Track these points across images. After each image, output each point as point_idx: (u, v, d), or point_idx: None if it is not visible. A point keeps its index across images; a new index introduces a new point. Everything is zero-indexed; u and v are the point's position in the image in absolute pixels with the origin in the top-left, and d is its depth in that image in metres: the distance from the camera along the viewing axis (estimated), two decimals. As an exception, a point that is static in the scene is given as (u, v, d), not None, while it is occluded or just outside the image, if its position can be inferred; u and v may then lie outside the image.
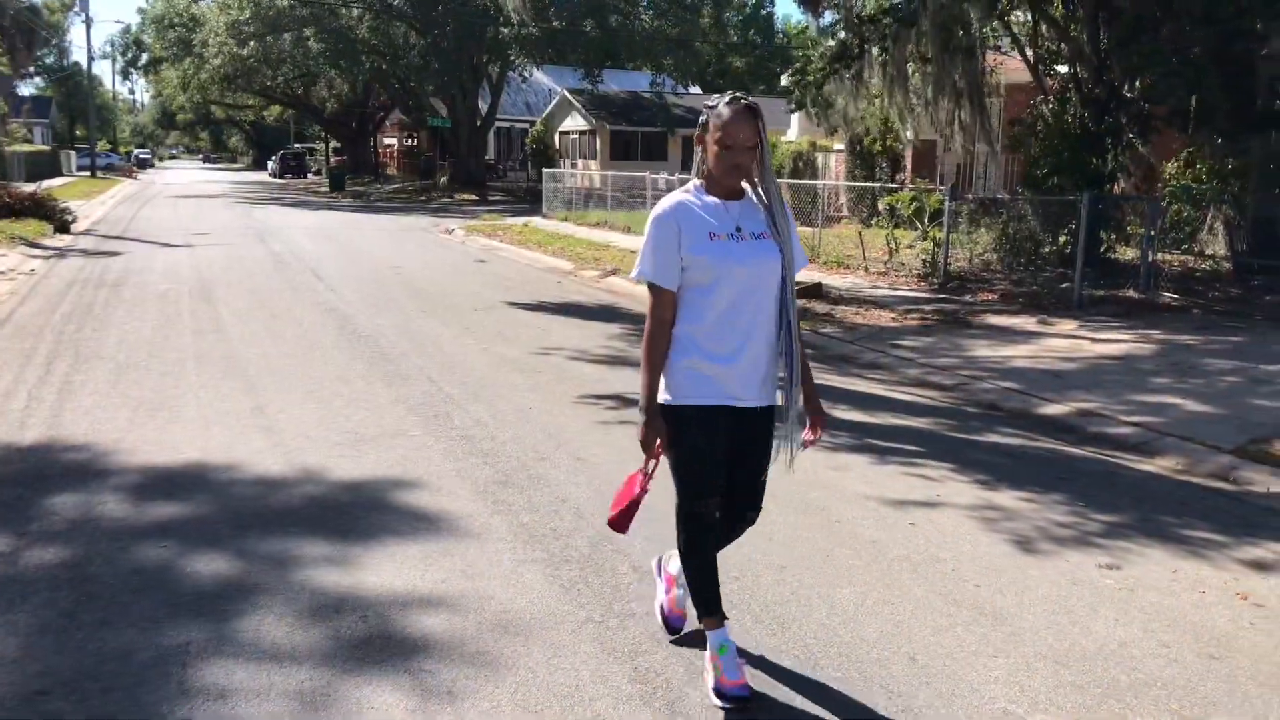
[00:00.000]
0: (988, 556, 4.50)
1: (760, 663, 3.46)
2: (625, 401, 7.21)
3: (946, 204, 13.67)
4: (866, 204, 20.38)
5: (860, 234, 16.15)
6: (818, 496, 5.14)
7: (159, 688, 3.25)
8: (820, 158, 25.04)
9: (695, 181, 3.23)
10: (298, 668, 3.39)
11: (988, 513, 5.06)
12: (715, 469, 3.21)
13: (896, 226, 16.52)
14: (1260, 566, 4.46)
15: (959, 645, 3.65)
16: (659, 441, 3.18)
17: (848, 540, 4.60)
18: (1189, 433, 6.53)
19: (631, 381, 7.86)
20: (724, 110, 3.07)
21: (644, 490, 3.32)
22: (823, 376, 8.37)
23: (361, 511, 4.88)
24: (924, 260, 14.45)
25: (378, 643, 3.57)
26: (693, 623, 3.50)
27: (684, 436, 3.18)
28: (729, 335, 3.13)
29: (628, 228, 21.91)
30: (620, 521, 3.37)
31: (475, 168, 40.29)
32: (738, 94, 3.15)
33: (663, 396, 3.20)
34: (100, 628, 3.64)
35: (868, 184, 20.53)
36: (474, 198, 36.35)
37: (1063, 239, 13.47)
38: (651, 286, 3.16)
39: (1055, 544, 4.66)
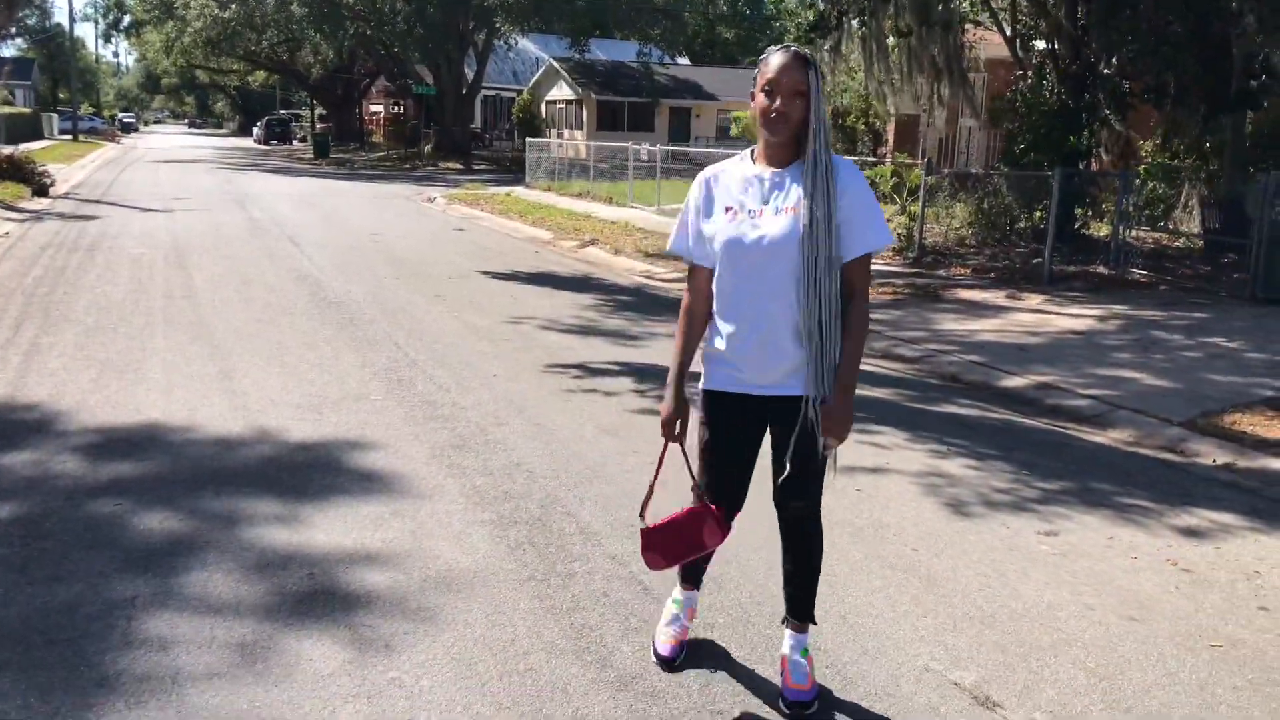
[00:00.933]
0: (930, 522, 4.60)
1: (740, 595, 3.55)
2: (590, 371, 7.28)
3: (923, 179, 13.73)
4: (848, 178, 20.40)
5: (839, 207, 16.18)
6: (765, 464, 5.21)
7: (103, 639, 3.31)
8: (804, 131, 25.03)
9: (750, 149, 3.01)
10: (240, 621, 3.46)
11: (934, 480, 5.16)
12: (729, 465, 3.08)
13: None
14: (1193, 534, 4.57)
15: (890, 606, 3.75)
16: (677, 422, 3.03)
17: (794, 505, 4.69)
18: (1143, 405, 6.65)
19: (599, 351, 7.95)
20: (772, 57, 2.82)
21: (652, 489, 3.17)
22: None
23: (317, 472, 4.95)
24: (899, 235, 14.52)
25: (321, 598, 3.64)
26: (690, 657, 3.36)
27: (704, 424, 3.06)
28: (739, 318, 2.90)
29: (609, 198, 21.91)
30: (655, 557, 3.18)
31: (460, 136, 40.09)
32: (789, 44, 2.94)
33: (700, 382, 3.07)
34: (50, 583, 3.70)
35: (849, 159, 20.55)
36: (458, 166, 36.21)
37: (1037, 215, 13.56)
38: (687, 262, 3.03)
39: (997, 511, 4.76)
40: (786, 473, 2.98)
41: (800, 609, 3.18)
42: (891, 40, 14.41)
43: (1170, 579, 4.08)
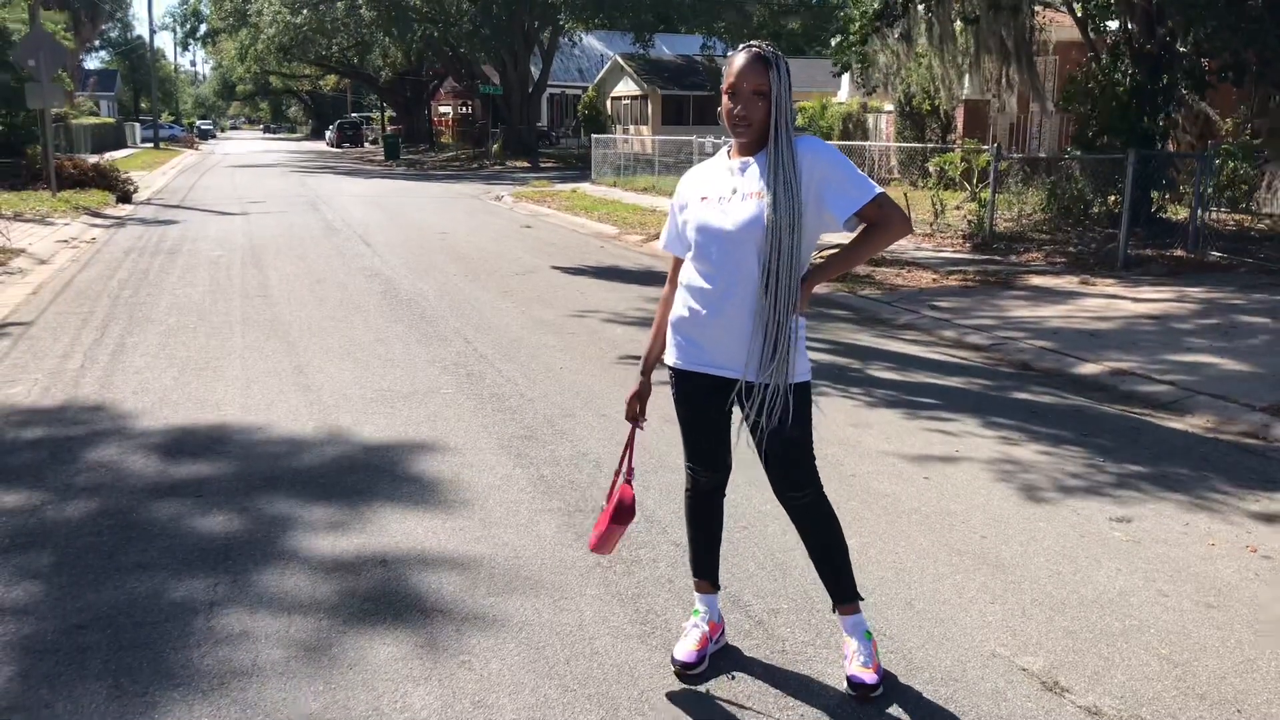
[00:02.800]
0: (999, 509, 4.55)
1: (756, 603, 3.57)
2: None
3: (992, 164, 13.50)
4: (917, 165, 20.15)
5: (906, 195, 15.99)
6: (834, 452, 5.21)
7: (187, 624, 3.45)
8: (870, 119, 24.76)
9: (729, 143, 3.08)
10: (315, 608, 3.57)
11: (1005, 467, 5.10)
12: (698, 436, 3.16)
13: (945, 188, 16.34)
14: (1275, 520, 4.45)
15: (957, 592, 3.72)
16: (632, 398, 3.22)
17: (860, 494, 4.68)
18: (1222, 390, 6.47)
19: (664, 342, 7.98)
20: (735, 60, 2.88)
21: (619, 479, 3.28)
22: (856, 337, 8.40)
23: (389, 465, 5.06)
24: (970, 222, 14.30)
25: (394, 584, 3.74)
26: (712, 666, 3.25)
27: (674, 398, 3.16)
28: (701, 303, 2.99)
29: (674, 193, 21.89)
30: (600, 543, 3.29)
31: (527, 135, 40.43)
32: (753, 43, 2.93)
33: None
34: (136, 570, 3.86)
35: (916, 145, 20.28)
36: (525, 165, 36.52)
37: (1112, 199, 13.25)
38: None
39: (1068, 497, 4.69)
40: (776, 465, 3.06)
41: (842, 592, 3.15)
42: (959, 25, 14.18)
43: (1249, 566, 3.99)
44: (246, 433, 5.57)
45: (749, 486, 4.64)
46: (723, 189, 2.96)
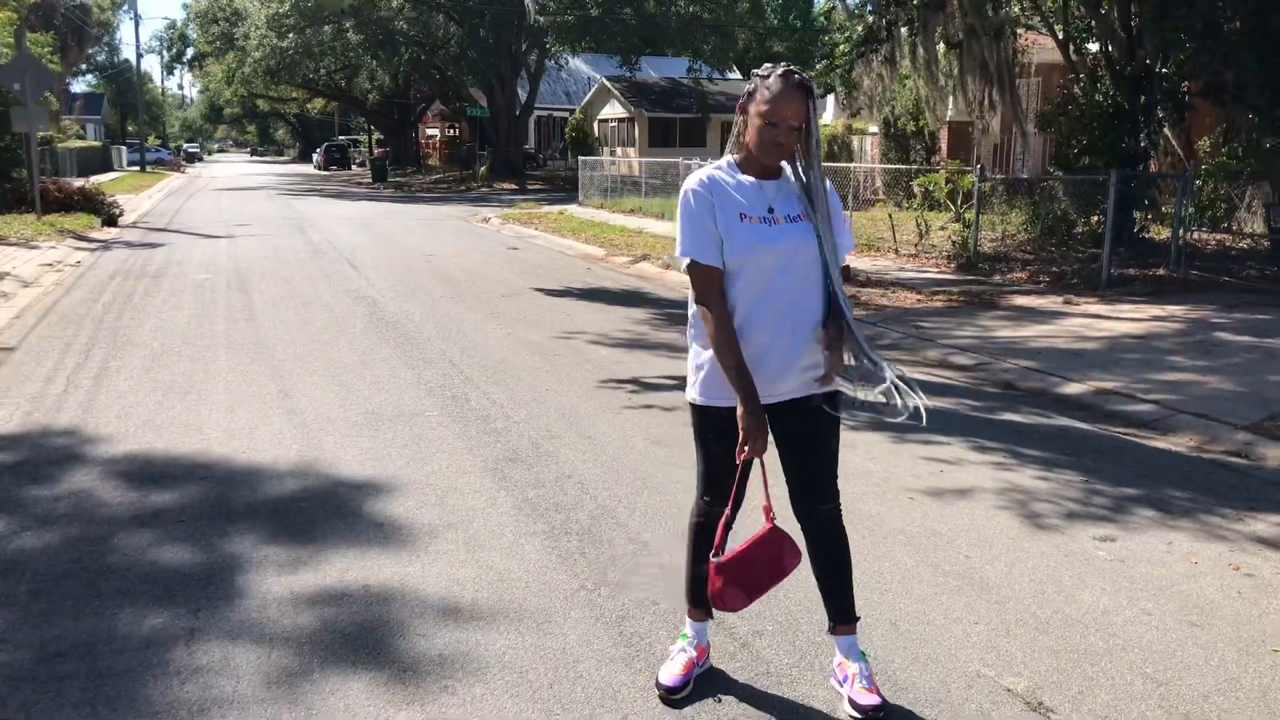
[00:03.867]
0: (984, 529, 4.56)
1: (740, 625, 3.56)
2: (641, 384, 7.32)
3: (976, 185, 13.60)
4: (901, 186, 20.28)
5: (891, 216, 16.09)
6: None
7: (167, 652, 3.41)
8: (855, 141, 24.92)
9: (729, 157, 3.00)
10: (298, 638, 3.54)
11: (991, 488, 5.11)
12: (728, 471, 3.01)
13: (930, 209, 16.44)
14: (1258, 539, 4.47)
15: (942, 612, 3.72)
16: (759, 433, 2.85)
17: (845, 514, 4.66)
18: (1205, 409, 6.51)
19: (649, 365, 7.98)
20: (774, 83, 2.81)
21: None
22: (841, 357, 8.40)
23: (373, 489, 5.04)
24: (954, 242, 14.38)
25: (377, 610, 3.72)
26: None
27: (708, 436, 3.04)
28: (759, 327, 2.89)
29: (661, 214, 21.98)
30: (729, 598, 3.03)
31: (514, 157, 40.53)
32: (792, 68, 2.87)
33: (691, 394, 3.04)
34: (118, 596, 3.82)
35: (901, 166, 20.40)
36: (513, 187, 36.59)
37: (1095, 219, 13.35)
38: (693, 265, 2.90)
39: (1053, 517, 4.70)
40: (814, 476, 3.04)
41: (845, 611, 3.17)
42: (942, 48, 14.31)
43: (1233, 584, 4.00)
44: (230, 458, 5.54)
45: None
46: (756, 208, 2.91)
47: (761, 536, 2.99)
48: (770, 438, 2.92)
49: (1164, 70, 13.23)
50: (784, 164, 2.95)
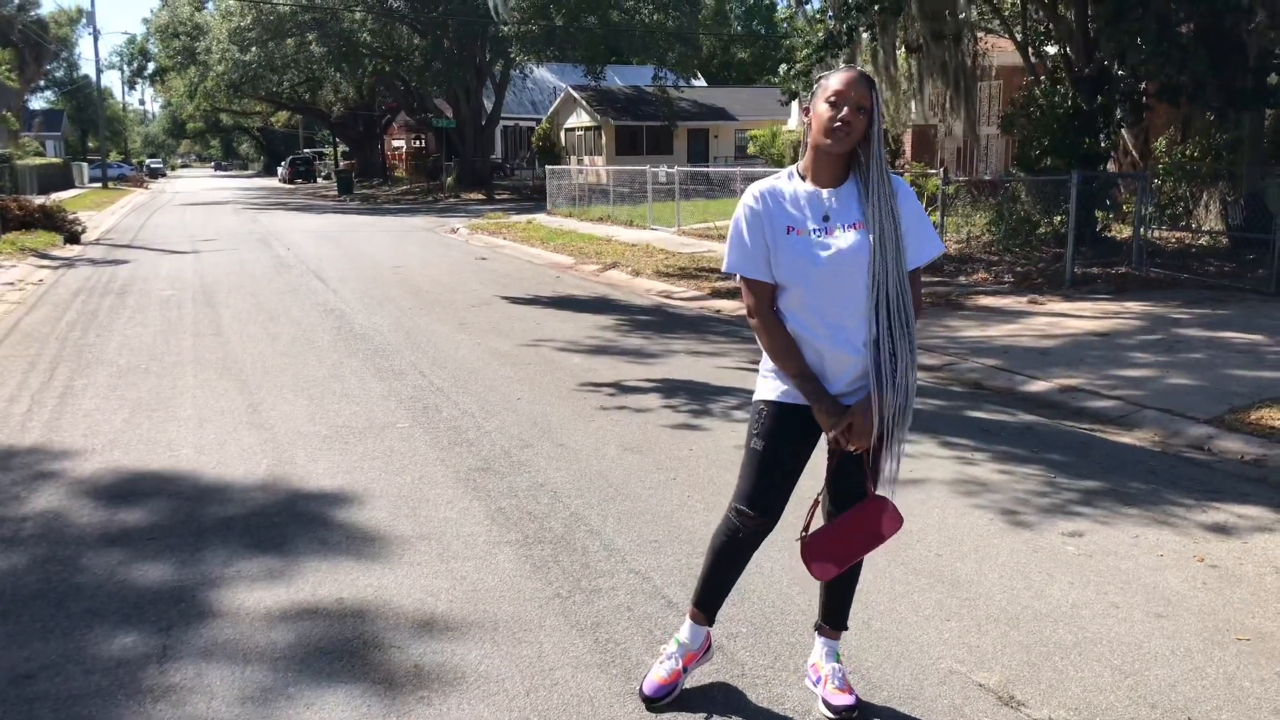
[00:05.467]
0: (954, 527, 4.61)
1: (715, 629, 3.58)
2: (611, 390, 7.34)
3: (940, 188, 13.74)
4: (867, 190, 20.42)
5: (858, 220, 16.20)
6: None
7: (140, 671, 3.38)
8: (821, 146, 25.09)
9: (794, 168, 2.97)
10: (272, 653, 3.52)
11: (959, 485, 5.17)
12: (776, 479, 3.00)
13: (895, 212, 16.55)
14: (1220, 530, 4.55)
15: (914, 610, 3.76)
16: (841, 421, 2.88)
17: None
18: (1168, 404, 6.61)
19: (619, 371, 8.00)
20: (835, 75, 2.84)
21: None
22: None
23: (344, 502, 5.02)
24: (920, 244, 14.50)
25: (350, 621, 3.70)
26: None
27: (766, 435, 2.99)
28: (806, 342, 2.90)
29: (630, 221, 22.04)
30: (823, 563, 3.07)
31: (481, 167, 40.46)
32: (852, 65, 2.96)
33: (764, 394, 3.02)
34: (87, 616, 3.78)
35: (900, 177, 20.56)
36: (480, 197, 36.52)
37: (1058, 219, 13.52)
38: (743, 279, 2.94)
39: (1022, 513, 4.76)
40: (847, 481, 3.03)
41: (841, 619, 3.23)
42: (902, 52, 14.45)
43: (1197, 575, 4.07)
44: (199, 473, 5.50)
45: (707, 512, 4.67)
46: (813, 219, 2.87)
47: (860, 506, 3.02)
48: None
49: (1121, 72, 13.44)
50: (852, 171, 2.88)
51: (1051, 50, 14.95)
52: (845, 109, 2.76)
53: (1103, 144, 13.72)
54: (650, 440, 6.01)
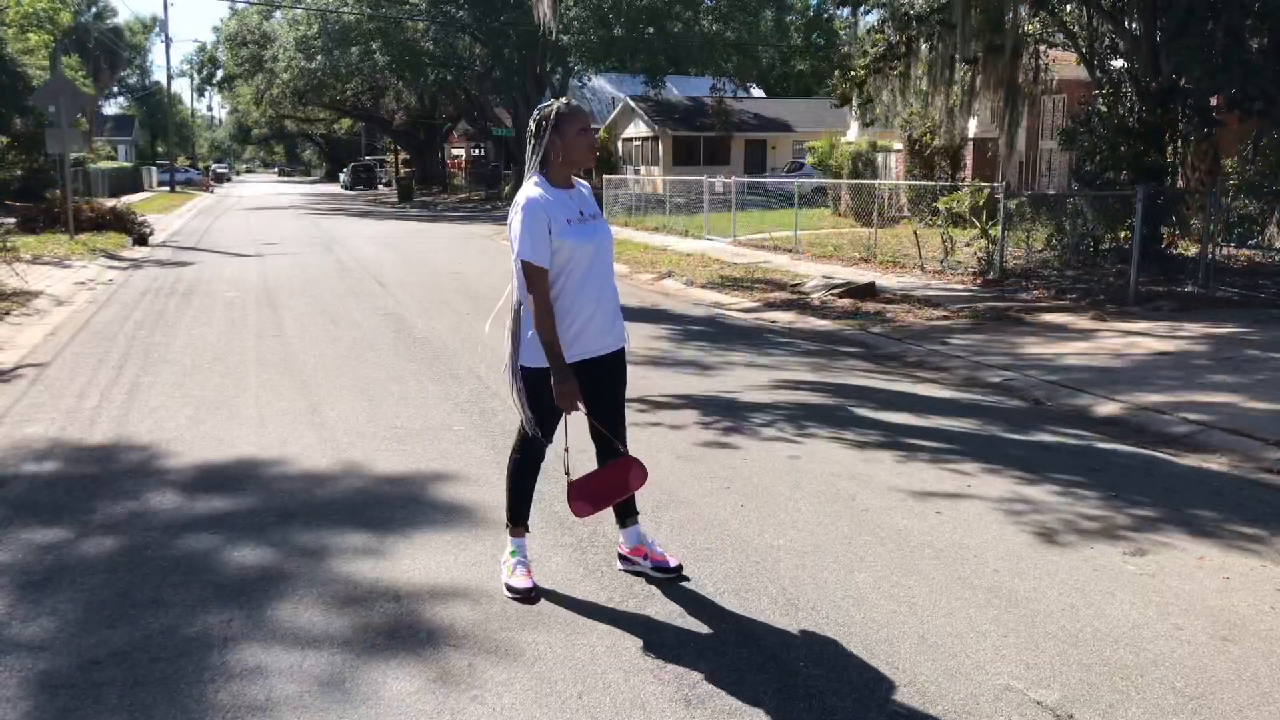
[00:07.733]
0: (1012, 544, 4.54)
1: (768, 638, 3.57)
2: (665, 399, 7.34)
3: (1001, 202, 13.57)
4: (926, 204, 20.24)
5: (916, 233, 16.07)
6: (847, 487, 5.22)
7: (201, 661, 3.46)
8: (880, 158, 24.91)
9: (537, 176, 3.77)
10: (329, 645, 3.58)
11: (1018, 504, 5.09)
12: (557, 418, 3.92)
13: (955, 225, 16.39)
14: (1289, 554, 4.43)
15: (970, 626, 3.71)
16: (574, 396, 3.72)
17: (872, 528, 4.68)
18: (1237, 426, 6.46)
19: (674, 381, 8.00)
20: (575, 109, 3.78)
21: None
22: (868, 374, 8.41)
23: (401, 502, 5.09)
24: (979, 259, 14.34)
25: (406, 621, 3.75)
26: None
27: (544, 393, 3.76)
28: (585, 302, 3.78)
29: (685, 231, 22.06)
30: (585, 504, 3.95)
31: (539, 176, 40.64)
32: (567, 99, 3.88)
33: (528, 359, 3.80)
34: (152, 606, 3.88)
35: (926, 183, 20.38)
36: (537, 205, 36.67)
37: (1122, 235, 13.28)
38: (528, 266, 3.67)
39: (1082, 533, 4.68)
40: (617, 410, 4.04)
41: (632, 507, 4.17)
42: (960, 66, 14.30)
43: (1265, 599, 3.97)
44: (261, 469, 5.61)
45: (760, 521, 4.64)
46: (571, 212, 3.79)
47: (613, 463, 3.94)
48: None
49: (1188, 85, 13.17)
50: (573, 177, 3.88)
51: (1117, 64, 14.69)
52: (592, 138, 3.82)
53: (1170, 158, 13.44)
54: (704, 450, 6.01)
